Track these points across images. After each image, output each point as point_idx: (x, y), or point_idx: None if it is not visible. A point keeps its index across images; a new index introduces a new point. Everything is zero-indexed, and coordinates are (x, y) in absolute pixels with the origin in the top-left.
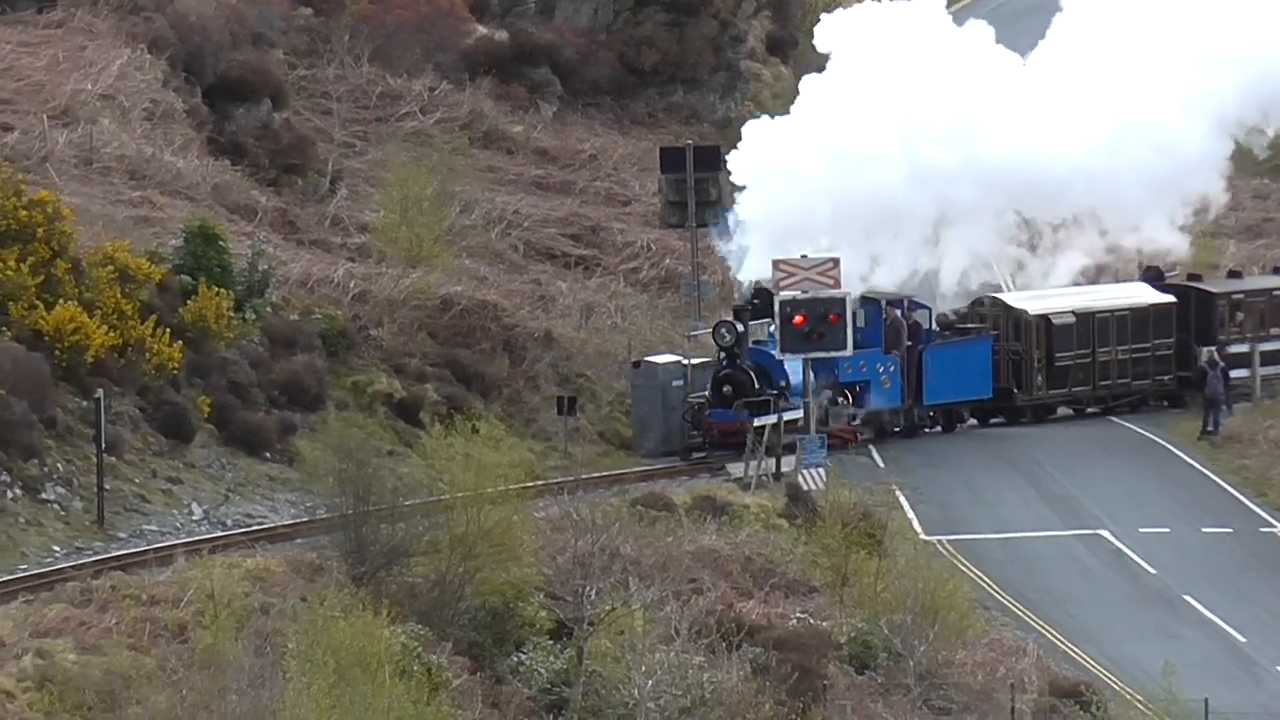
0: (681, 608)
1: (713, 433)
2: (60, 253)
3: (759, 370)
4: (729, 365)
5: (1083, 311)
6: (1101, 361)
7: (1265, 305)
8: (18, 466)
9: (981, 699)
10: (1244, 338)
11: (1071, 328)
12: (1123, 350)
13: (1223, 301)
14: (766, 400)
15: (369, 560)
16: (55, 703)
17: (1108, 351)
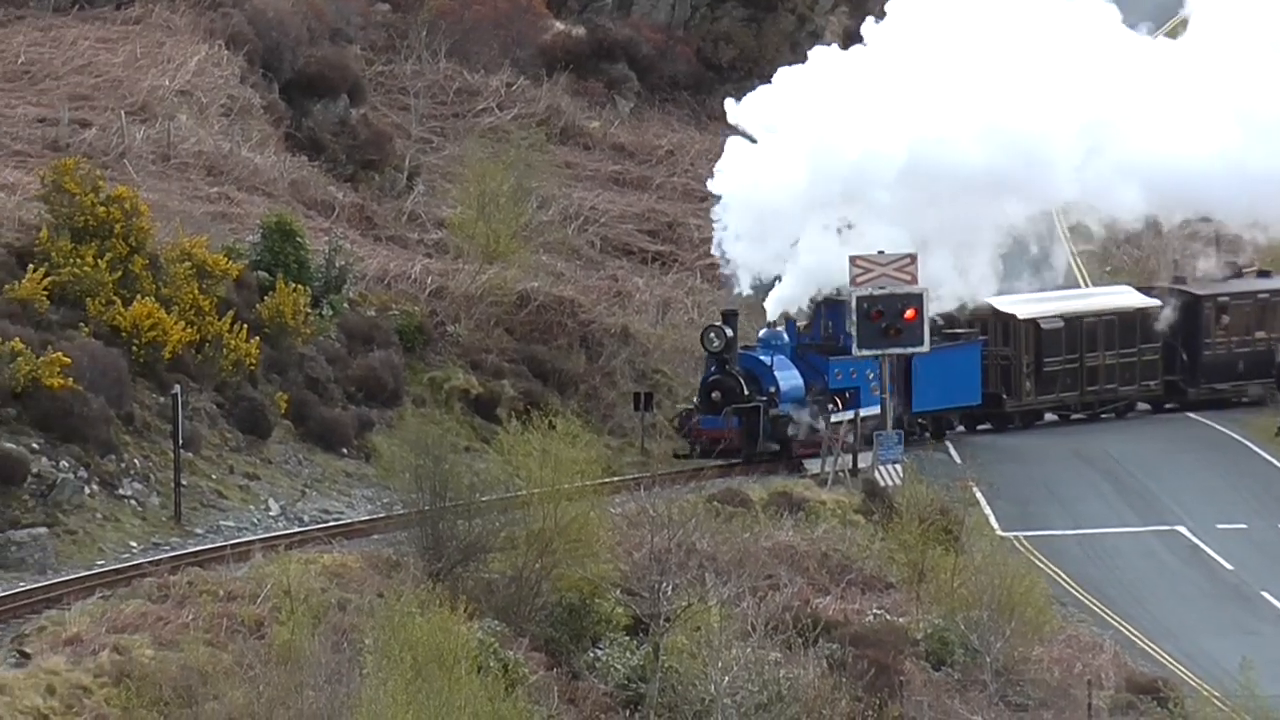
0: (758, 604)
1: (701, 439)
2: (138, 249)
3: (749, 376)
4: (718, 371)
5: (1071, 316)
6: (1089, 367)
7: (1251, 307)
8: (95, 462)
9: (1058, 695)
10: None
11: (1060, 332)
12: (1110, 355)
13: (1209, 304)
14: (756, 407)
15: (446, 556)
16: (132, 698)
17: (1095, 357)
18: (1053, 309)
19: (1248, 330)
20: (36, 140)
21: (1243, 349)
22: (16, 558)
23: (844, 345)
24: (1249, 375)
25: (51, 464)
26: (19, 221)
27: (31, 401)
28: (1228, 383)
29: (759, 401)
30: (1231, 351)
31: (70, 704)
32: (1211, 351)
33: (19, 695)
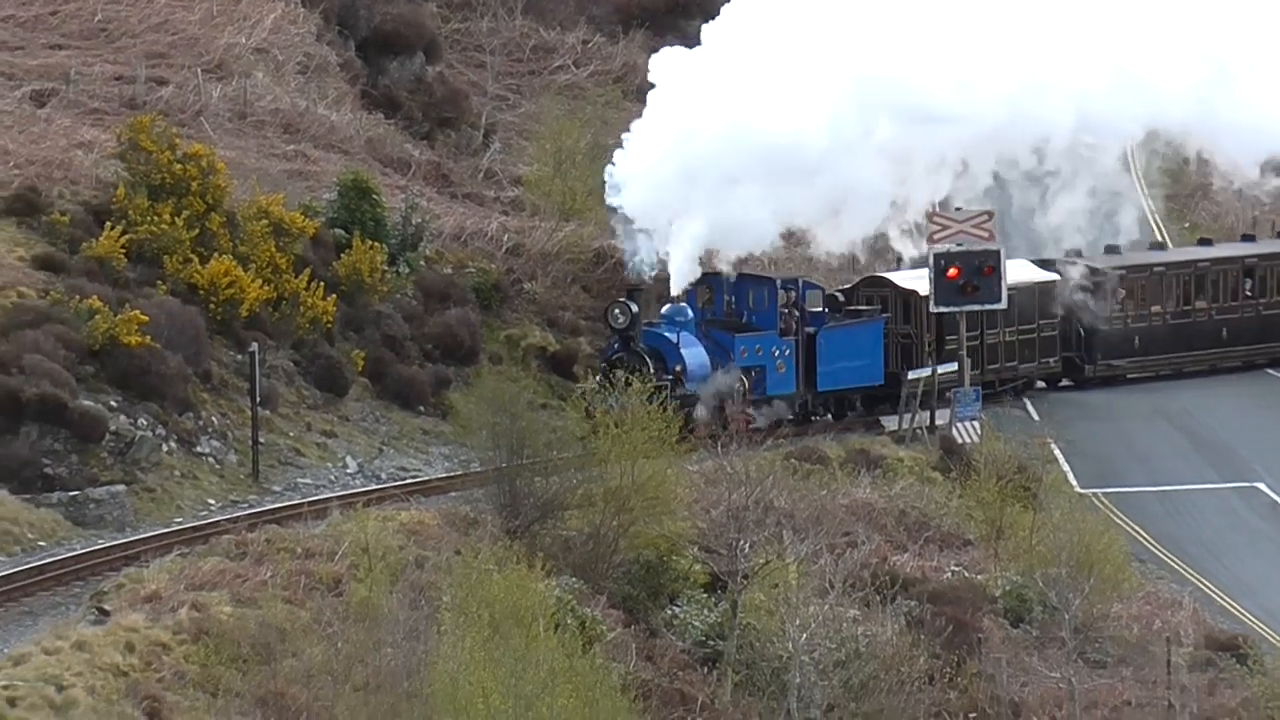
0: (835, 561)
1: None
2: (215, 206)
3: (654, 354)
4: (622, 348)
5: None
6: (989, 344)
7: (1146, 281)
8: (173, 420)
9: (1137, 652)
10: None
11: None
12: (1009, 332)
13: (1107, 279)
14: (661, 386)
15: (523, 514)
16: (211, 655)
17: (995, 334)
18: None
19: (1144, 303)
20: (113, 98)
21: (1140, 324)
22: (95, 515)
23: (749, 321)
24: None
25: (130, 422)
26: (96, 179)
27: (110, 359)
28: (1125, 359)
29: (664, 381)
30: (1129, 327)
31: (149, 661)
32: (1109, 327)
33: (99, 652)
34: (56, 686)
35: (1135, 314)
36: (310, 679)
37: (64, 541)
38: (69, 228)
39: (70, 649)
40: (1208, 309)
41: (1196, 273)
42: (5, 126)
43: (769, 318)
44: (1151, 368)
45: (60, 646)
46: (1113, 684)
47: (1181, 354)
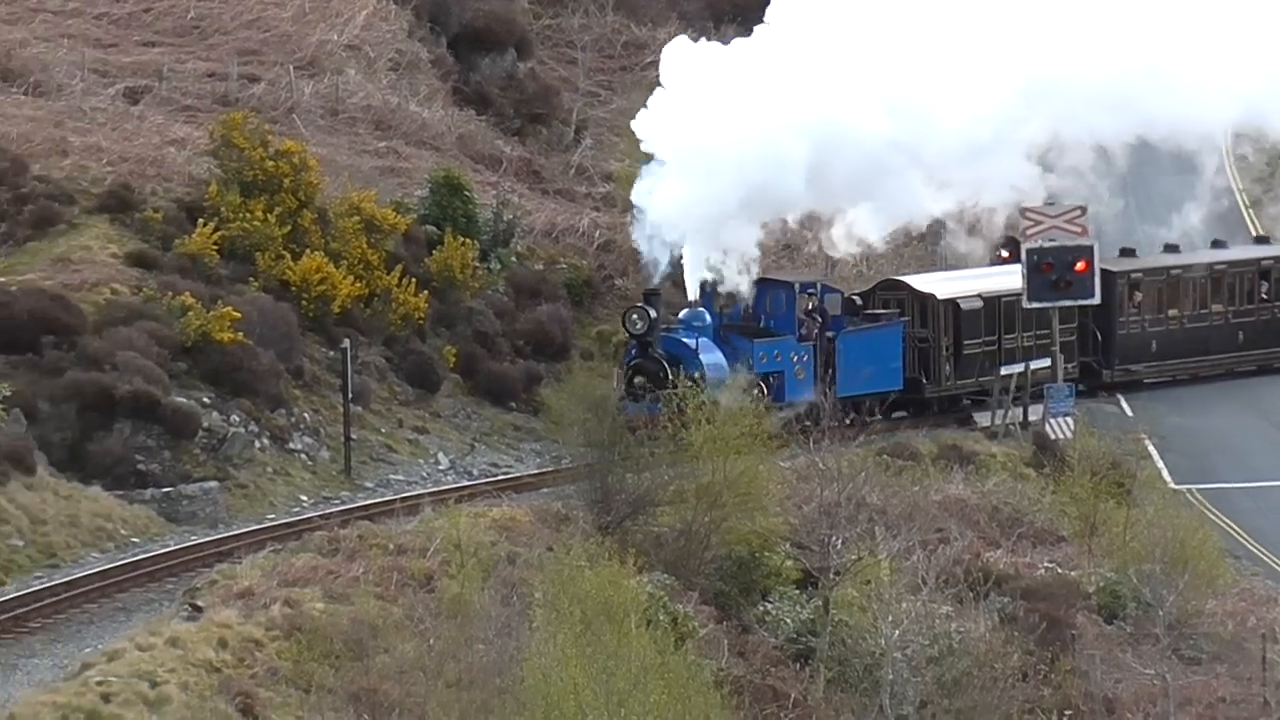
0: (928, 557)
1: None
2: (306, 203)
3: (672, 359)
4: (640, 354)
5: (989, 295)
6: (1007, 349)
7: (1164, 284)
8: (265, 416)
9: (1232, 649)
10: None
11: (979, 312)
12: (1027, 336)
13: (1122, 280)
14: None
15: (615, 510)
16: (304, 651)
17: (1013, 338)
18: (970, 288)
19: (1160, 306)
20: (206, 95)
21: (1156, 328)
22: (188, 511)
23: (768, 326)
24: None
25: (222, 418)
26: (189, 176)
27: (202, 356)
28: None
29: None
30: (1146, 331)
31: (242, 657)
32: (1126, 331)
33: (192, 648)
34: (150, 682)
35: (1152, 318)
36: (402, 675)
37: (157, 538)
38: (162, 225)
39: (164, 645)
40: (1224, 312)
41: (1213, 276)
42: (99, 124)
43: (787, 322)
44: (1169, 372)
45: (154, 643)
46: (1207, 681)
47: (1198, 358)
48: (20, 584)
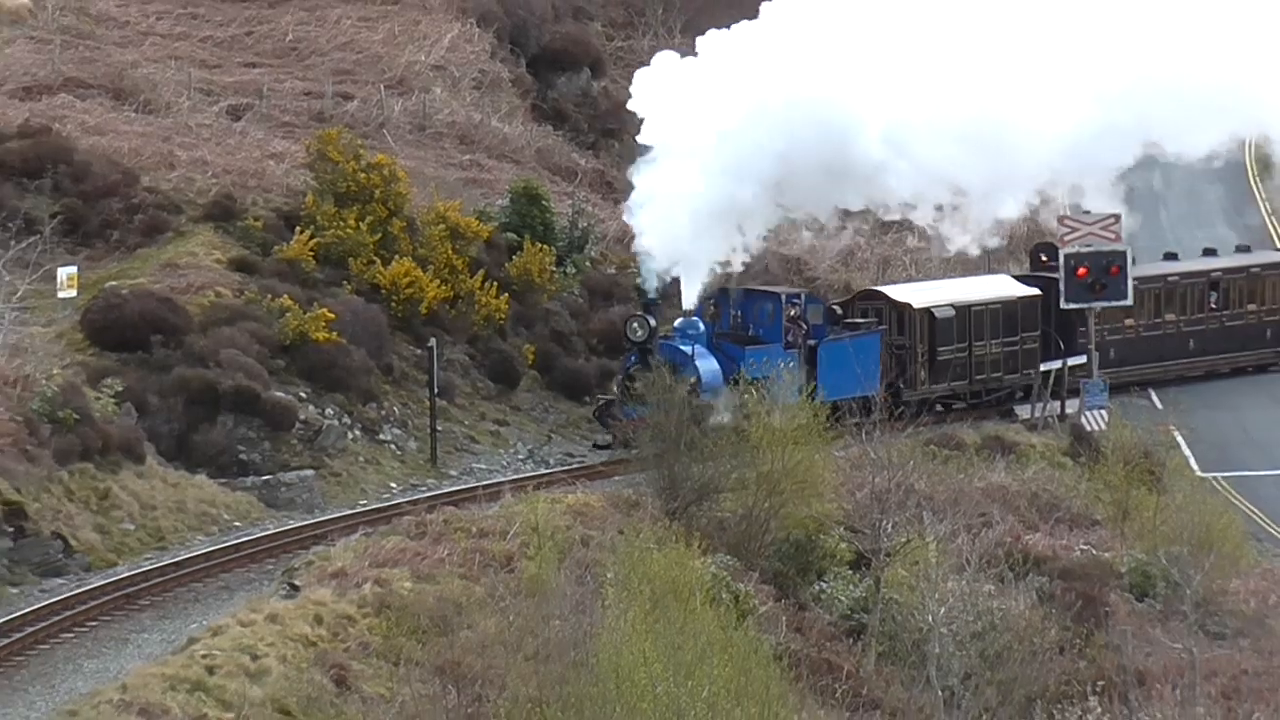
0: (972, 540)
1: (625, 430)
2: (396, 212)
3: (670, 366)
4: (640, 360)
5: (961, 305)
6: (977, 356)
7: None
8: (358, 410)
9: (1254, 625)
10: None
11: (952, 321)
12: (995, 344)
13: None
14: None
15: (681, 496)
16: (393, 627)
17: (983, 345)
18: (943, 298)
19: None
20: (303, 112)
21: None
22: (286, 498)
23: (756, 334)
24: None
25: (318, 411)
26: (287, 188)
27: (299, 354)
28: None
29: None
30: (1104, 339)
31: (336, 632)
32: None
33: (289, 624)
34: (251, 655)
35: (1110, 327)
36: (484, 649)
37: (258, 522)
38: (262, 232)
39: (264, 621)
40: (1176, 321)
41: (1166, 287)
42: (204, 139)
43: (774, 331)
44: (1125, 378)
45: (254, 619)
46: (1231, 655)
47: (1153, 364)
48: (131, 565)
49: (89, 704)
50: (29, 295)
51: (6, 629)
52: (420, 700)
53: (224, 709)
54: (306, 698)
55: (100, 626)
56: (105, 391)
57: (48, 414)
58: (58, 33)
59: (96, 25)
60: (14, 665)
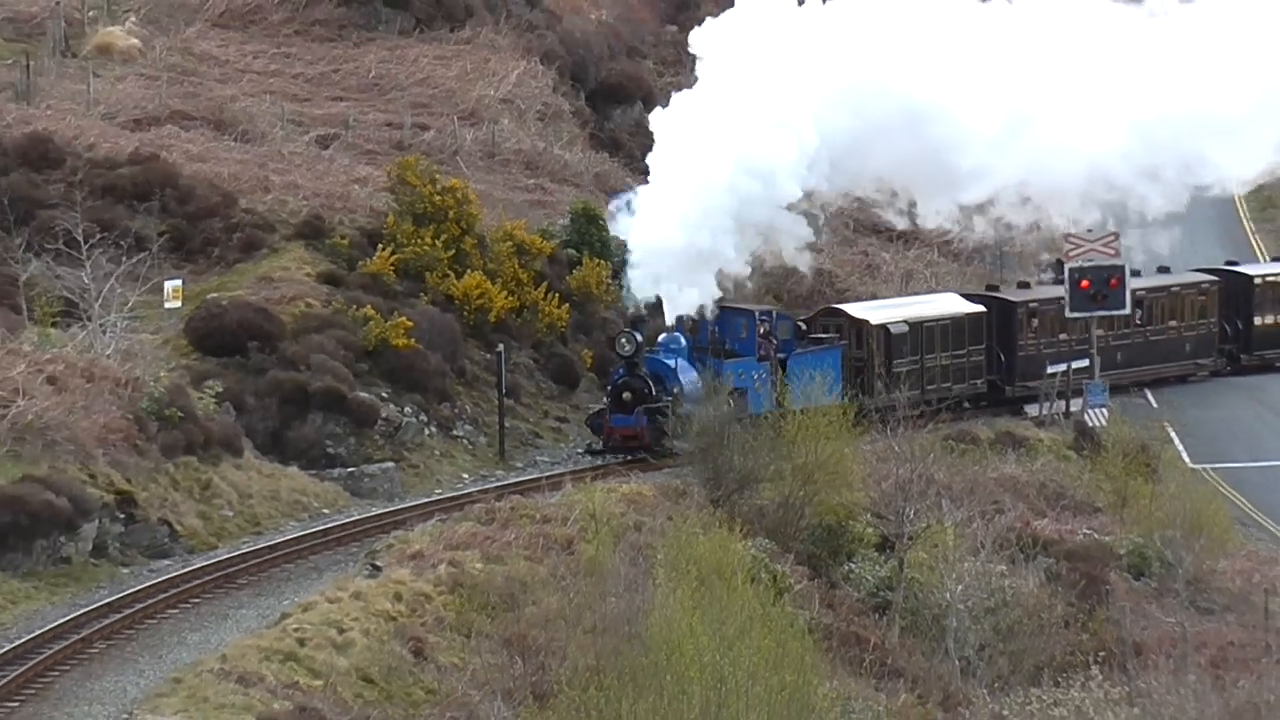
0: (986, 525)
1: (614, 437)
2: (468, 230)
3: (655, 378)
4: (627, 374)
5: (914, 321)
6: (928, 367)
7: (1056, 312)
8: (434, 408)
9: (1239, 601)
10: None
11: (906, 336)
12: (945, 357)
13: (1021, 310)
14: (663, 406)
15: (724, 486)
16: (465, 604)
17: (934, 358)
18: (897, 315)
19: (1052, 331)
20: (384, 141)
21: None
22: (369, 487)
23: (732, 348)
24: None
25: (398, 410)
26: (370, 209)
27: (381, 358)
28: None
29: (665, 401)
30: (1041, 352)
31: (414, 608)
32: (1024, 353)
33: (372, 601)
34: (338, 629)
35: (1046, 341)
36: (547, 623)
37: (344, 509)
38: (348, 249)
39: (349, 598)
40: (1105, 335)
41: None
42: (295, 165)
43: (749, 345)
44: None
45: (341, 596)
46: (1219, 628)
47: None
48: (230, 547)
49: (192, 673)
50: (139, 306)
51: (119, 605)
52: (489, 669)
53: (313, 677)
54: (387, 667)
55: (202, 603)
56: (207, 392)
57: (155, 412)
58: (165, 70)
59: (199, 63)
60: (125, 638)
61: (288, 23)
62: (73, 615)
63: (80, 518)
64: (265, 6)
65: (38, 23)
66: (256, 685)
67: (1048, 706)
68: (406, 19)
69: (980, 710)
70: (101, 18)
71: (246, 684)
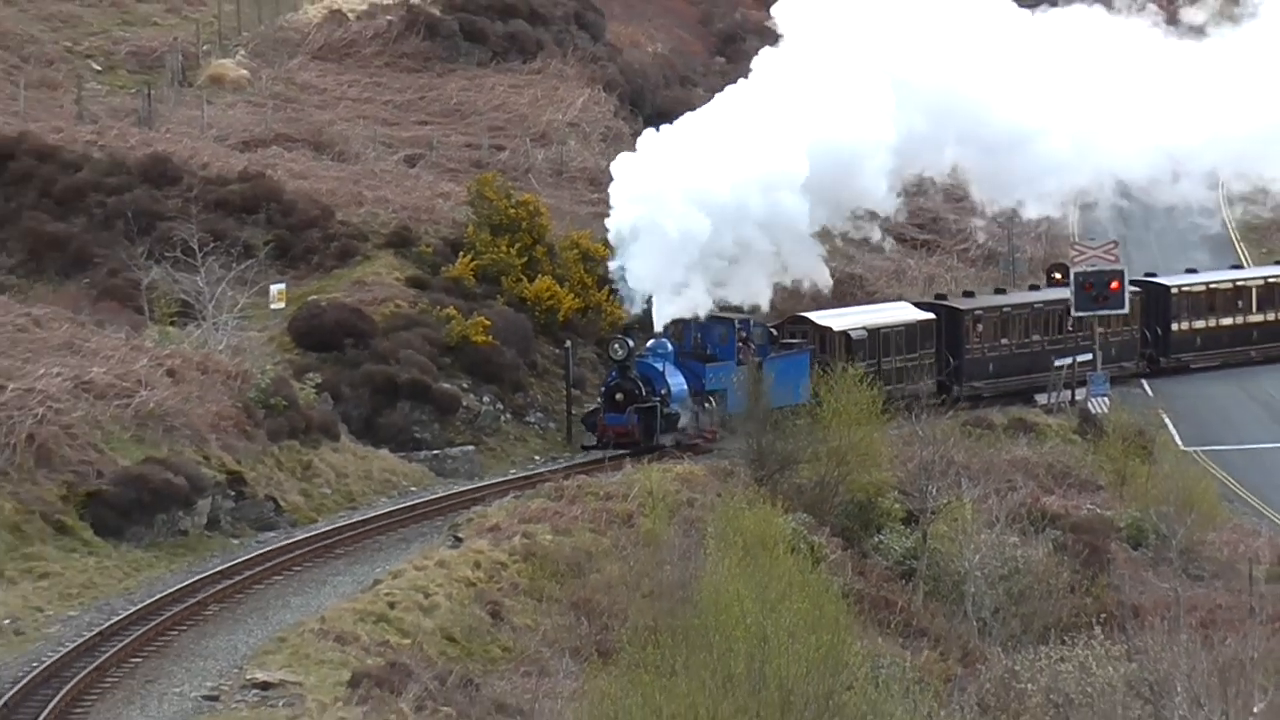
0: (1000, 501)
1: (608, 434)
2: (538, 240)
3: (645, 380)
4: (619, 376)
5: (872, 328)
6: (884, 369)
7: (998, 319)
8: (509, 398)
9: (1226, 569)
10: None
11: (865, 341)
12: (899, 359)
13: (967, 317)
14: (652, 405)
15: (767, 466)
16: (536, 571)
17: (889, 360)
18: (857, 322)
19: (995, 336)
20: (464, 160)
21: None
22: (452, 468)
23: (712, 353)
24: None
25: (476, 399)
26: (452, 220)
27: (462, 353)
28: (982, 381)
29: (654, 401)
30: (985, 355)
31: (492, 575)
32: (970, 355)
33: (454, 568)
34: (424, 594)
35: (990, 345)
36: (610, 588)
37: (429, 487)
38: (432, 256)
39: (434, 566)
40: (1041, 340)
41: (1033, 312)
42: (386, 181)
43: (728, 350)
44: (1002, 388)
45: (426, 564)
46: (1208, 593)
47: (1023, 376)
48: (328, 521)
49: (295, 632)
50: (247, 307)
51: (230, 573)
52: (558, 629)
53: (402, 636)
54: (468, 627)
55: (304, 571)
56: (307, 383)
57: (262, 401)
58: (270, 98)
59: (300, 92)
60: (235, 601)
61: (379, 56)
62: (189, 581)
63: (196, 495)
64: (359, 41)
65: (158, 56)
66: (352, 643)
67: (1055, 662)
68: (484, 52)
69: (995, 665)
70: (214, 52)
71: (343, 642)
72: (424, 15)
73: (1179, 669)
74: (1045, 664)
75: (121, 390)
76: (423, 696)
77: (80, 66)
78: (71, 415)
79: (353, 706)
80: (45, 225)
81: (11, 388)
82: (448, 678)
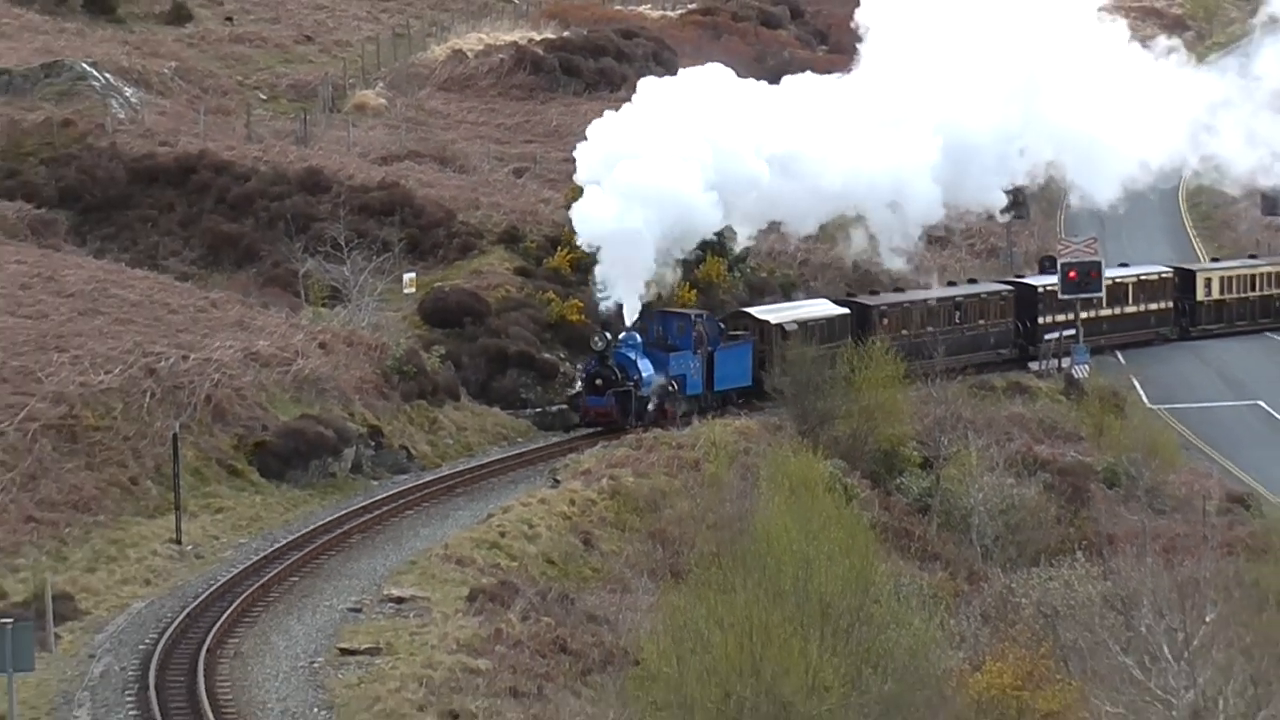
0: (999, 449)
1: (589, 414)
2: None
3: (621, 368)
4: (599, 364)
5: (801, 321)
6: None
7: (900, 313)
8: None
9: (1184, 504)
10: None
11: (797, 333)
12: (823, 348)
13: (874, 312)
14: (628, 390)
15: (810, 421)
16: (621, 507)
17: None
18: (790, 316)
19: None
20: (562, 173)
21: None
22: (551, 423)
23: (673, 344)
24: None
25: (571, 367)
26: (552, 221)
27: (560, 329)
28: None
29: (629, 386)
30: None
31: (584, 510)
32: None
33: (553, 504)
34: (529, 525)
35: (893, 336)
36: (680, 521)
37: (533, 439)
38: (536, 250)
39: (537, 503)
40: (934, 332)
41: (928, 308)
42: (498, 189)
43: (686, 341)
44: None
45: (531, 502)
46: (1169, 523)
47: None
48: (451, 466)
49: (424, 556)
50: (385, 292)
51: (371, 508)
52: (638, 554)
53: (510, 559)
54: (564, 553)
55: (431, 506)
56: (434, 354)
57: (397, 369)
58: (403, 121)
59: (428, 116)
60: (375, 532)
61: (493, 87)
62: (337, 515)
63: (343, 445)
64: (476, 75)
65: (312, 88)
66: (470, 565)
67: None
68: (579, 84)
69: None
70: (358, 84)
71: (463, 565)
72: (530, 54)
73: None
74: (1036, 582)
75: (282, 359)
76: (527, 609)
77: (250, 96)
78: (242, 380)
79: (470, 616)
80: (221, 226)
81: (193, 358)
82: (548, 593)
